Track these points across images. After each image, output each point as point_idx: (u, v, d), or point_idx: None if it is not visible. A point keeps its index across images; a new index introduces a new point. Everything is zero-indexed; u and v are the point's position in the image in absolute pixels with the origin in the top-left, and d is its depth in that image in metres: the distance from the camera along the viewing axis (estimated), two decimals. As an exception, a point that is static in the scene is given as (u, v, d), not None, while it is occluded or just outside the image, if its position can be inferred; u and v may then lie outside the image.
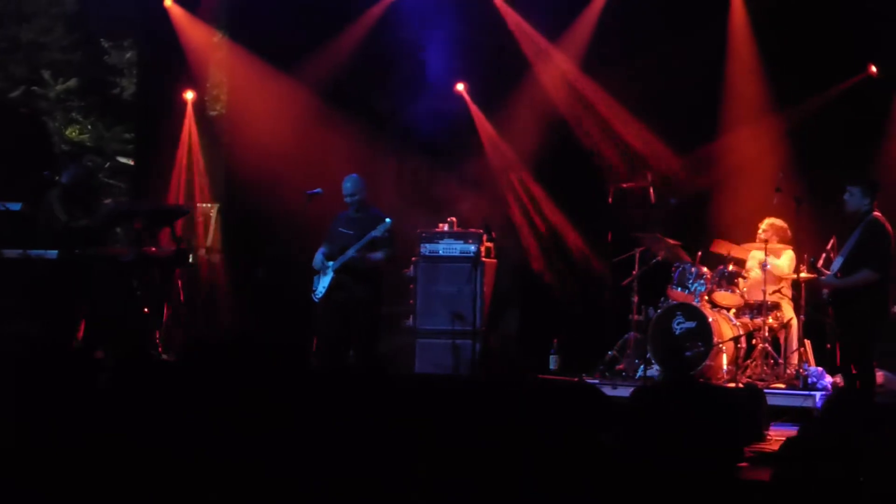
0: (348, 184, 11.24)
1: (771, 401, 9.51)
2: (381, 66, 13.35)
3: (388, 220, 11.03)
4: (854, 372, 9.82)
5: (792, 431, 8.35)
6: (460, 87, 13.44)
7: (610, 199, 11.91)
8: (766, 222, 11.17)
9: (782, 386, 10.61)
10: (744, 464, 6.05)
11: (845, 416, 5.97)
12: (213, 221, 15.81)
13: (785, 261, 11.11)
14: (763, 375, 10.82)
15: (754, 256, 11.41)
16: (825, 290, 9.97)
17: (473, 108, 13.37)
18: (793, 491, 4.99)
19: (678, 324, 11.03)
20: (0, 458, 4.29)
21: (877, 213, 9.74)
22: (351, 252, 10.99)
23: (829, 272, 9.89)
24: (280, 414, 4.99)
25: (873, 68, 11.93)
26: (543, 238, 12.86)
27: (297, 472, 4.77)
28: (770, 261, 11.01)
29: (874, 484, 4.91)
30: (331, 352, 11.22)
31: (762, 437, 8.84)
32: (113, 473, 4.39)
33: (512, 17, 13.10)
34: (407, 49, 13.32)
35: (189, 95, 14.09)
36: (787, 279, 10.95)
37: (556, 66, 13.03)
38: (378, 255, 11.05)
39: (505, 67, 13.12)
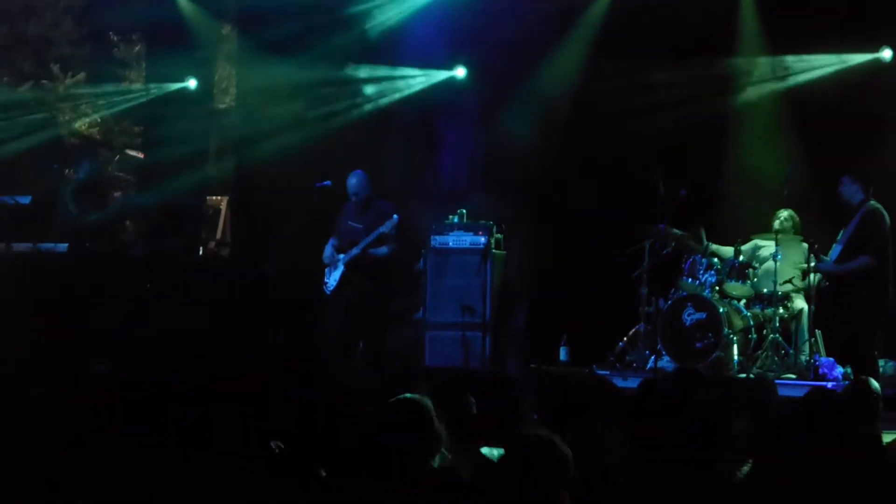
0: (353, 180, 11.30)
1: (782, 392, 9.48)
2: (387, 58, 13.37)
3: (395, 216, 11.13)
4: (854, 361, 9.82)
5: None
6: (461, 72, 13.41)
7: (620, 191, 11.92)
8: (786, 213, 11.14)
9: (793, 377, 10.59)
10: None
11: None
12: (222, 215, 15.84)
13: (801, 256, 11.02)
14: (773, 366, 10.81)
15: (761, 246, 11.39)
16: (823, 278, 9.97)
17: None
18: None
19: (688, 315, 11.01)
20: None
21: (874, 202, 9.72)
22: (357, 249, 11.10)
23: (827, 259, 9.87)
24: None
25: (888, 52, 11.86)
26: (552, 230, 12.82)
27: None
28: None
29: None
30: (340, 345, 11.28)
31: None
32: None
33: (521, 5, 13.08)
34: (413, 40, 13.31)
35: (193, 86, 14.13)
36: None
37: (565, 54, 13.01)
38: (383, 249, 11.17)
39: (512, 55, 13.08)
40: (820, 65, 12.14)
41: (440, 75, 13.45)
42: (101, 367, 8.19)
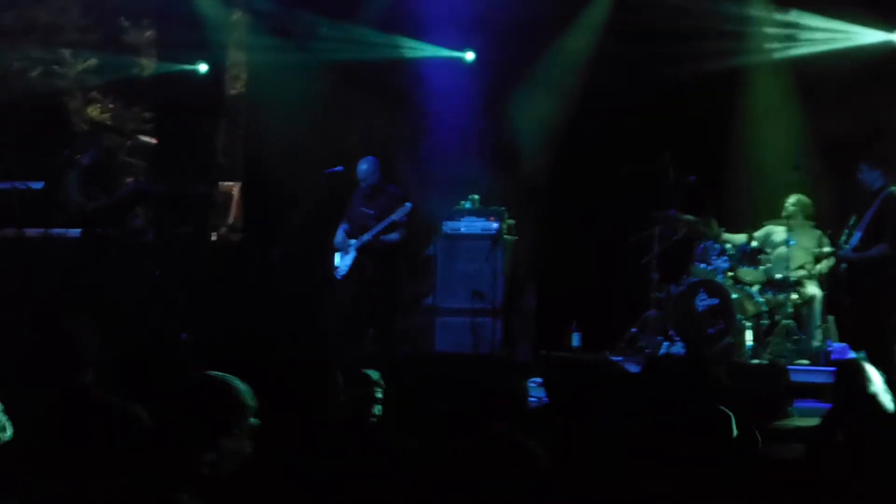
0: (363, 166, 11.34)
1: (794, 377, 9.48)
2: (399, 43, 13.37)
3: (408, 204, 11.16)
4: (871, 347, 9.81)
5: (815, 407, 8.41)
6: (469, 56, 13.38)
7: (628, 178, 11.91)
8: (794, 198, 11.13)
9: (806, 362, 10.59)
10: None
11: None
12: (234, 200, 15.85)
13: (813, 241, 11.02)
14: (786, 352, 10.80)
15: (773, 231, 11.37)
16: (842, 265, 9.95)
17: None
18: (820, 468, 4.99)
19: (701, 300, 11.00)
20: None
21: (894, 188, 9.69)
22: (368, 235, 11.14)
23: (846, 247, 9.86)
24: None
25: None
26: (563, 215, 12.80)
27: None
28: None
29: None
30: (350, 330, 11.30)
31: (785, 414, 8.83)
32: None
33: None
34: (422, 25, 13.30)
35: (204, 70, 14.16)
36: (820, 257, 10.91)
37: (574, 38, 12.97)
38: (394, 235, 11.23)
39: (521, 40, 13.05)
40: (829, 35, 12.03)
41: (450, 55, 13.43)
42: None
